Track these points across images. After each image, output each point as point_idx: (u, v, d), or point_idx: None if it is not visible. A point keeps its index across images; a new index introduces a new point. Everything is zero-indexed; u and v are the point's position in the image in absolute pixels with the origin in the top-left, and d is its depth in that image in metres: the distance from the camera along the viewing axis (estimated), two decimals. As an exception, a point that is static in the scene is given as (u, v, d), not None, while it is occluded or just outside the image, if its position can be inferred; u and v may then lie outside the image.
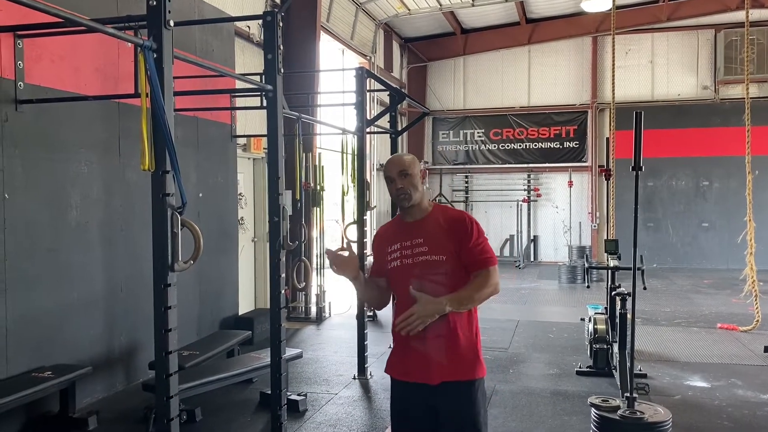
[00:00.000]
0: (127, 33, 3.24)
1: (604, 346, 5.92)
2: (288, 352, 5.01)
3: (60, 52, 5.11)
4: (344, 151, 6.09)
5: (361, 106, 6.08)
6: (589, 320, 6.44)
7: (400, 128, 7.79)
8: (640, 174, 4.16)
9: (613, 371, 5.82)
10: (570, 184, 15.78)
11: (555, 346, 7.46)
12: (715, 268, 14.55)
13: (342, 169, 6.02)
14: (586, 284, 6.30)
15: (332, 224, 11.87)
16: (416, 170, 2.77)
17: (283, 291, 9.71)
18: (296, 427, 4.89)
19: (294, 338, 8.00)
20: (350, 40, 12.44)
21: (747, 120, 7.77)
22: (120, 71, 5.70)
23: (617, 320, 5.50)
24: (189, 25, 5.90)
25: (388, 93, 7.07)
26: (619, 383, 5.36)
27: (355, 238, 6.88)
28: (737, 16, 14.14)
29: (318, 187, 8.11)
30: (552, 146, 16.00)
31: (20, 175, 4.76)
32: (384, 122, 7.20)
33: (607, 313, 6.33)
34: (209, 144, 7.20)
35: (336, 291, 10.09)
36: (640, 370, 6.06)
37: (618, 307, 5.35)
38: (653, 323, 8.62)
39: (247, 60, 8.83)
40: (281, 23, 4.31)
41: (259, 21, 8.88)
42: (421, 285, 2.63)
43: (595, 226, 15.62)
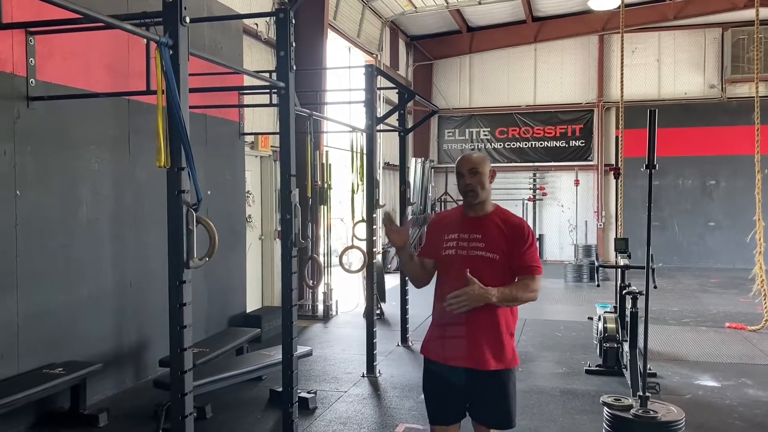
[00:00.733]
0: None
1: (614, 345, 5.90)
2: (298, 349, 5.01)
3: (71, 49, 5.11)
4: (354, 149, 6.07)
5: (370, 103, 6.07)
6: (599, 319, 6.42)
7: (407, 126, 7.76)
8: (646, 173, 4.15)
9: (624, 370, 5.80)
10: (576, 183, 15.75)
11: (563, 344, 7.44)
12: (721, 267, 14.51)
13: (352, 167, 6.01)
14: (596, 283, 6.29)
15: (337, 222, 11.86)
16: (486, 170, 2.97)
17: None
18: (307, 424, 4.88)
19: (302, 336, 8.00)
20: (357, 38, 12.43)
21: (756, 118, 7.74)
22: (130, 68, 5.69)
23: (627, 319, 5.48)
24: (202, 21, 5.89)
25: (397, 91, 7.05)
26: (629, 382, 5.34)
27: (363, 237, 6.89)
28: (744, 14, 14.09)
29: (325, 185, 8.10)
30: (558, 145, 15.97)
31: (32, 172, 4.77)
32: (391, 120, 7.18)
33: (616, 312, 6.31)
34: (217, 141, 7.19)
35: (343, 289, 10.10)
36: (650, 369, 6.03)
37: (629, 305, 5.33)
38: (661, 322, 8.59)
39: (255, 58, 8.82)
40: (293, 20, 4.30)
41: (267, 19, 8.91)
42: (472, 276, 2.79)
43: (600, 225, 15.59)
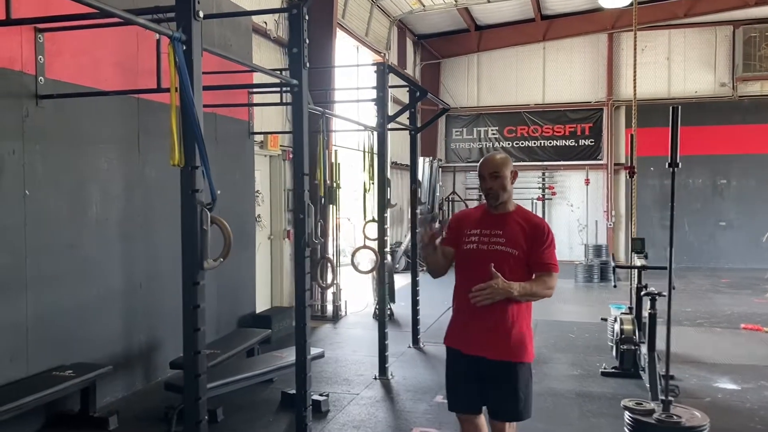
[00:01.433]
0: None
1: (632, 347, 5.79)
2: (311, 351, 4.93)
3: (80, 46, 5.03)
4: (365, 148, 6.00)
5: (382, 101, 5.98)
6: (614, 320, 6.32)
7: (418, 125, 7.67)
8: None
9: (641, 373, 5.70)
10: (587, 182, 15.62)
11: (576, 346, 7.34)
12: (732, 267, 14.36)
13: (363, 166, 5.93)
14: (612, 284, 6.18)
15: (344, 222, 11.78)
16: (507, 172, 3.09)
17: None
18: (320, 427, 4.80)
19: (312, 337, 7.74)
20: (365, 37, 12.35)
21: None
22: (139, 66, 5.62)
23: (645, 320, 5.38)
24: (214, 18, 5.80)
25: (407, 89, 6.96)
26: (648, 385, 5.24)
27: (373, 236, 6.81)
28: (756, 12, 13.96)
29: (334, 185, 8.02)
30: (567, 144, 15.85)
31: (41, 171, 4.70)
32: (401, 119, 7.10)
33: (632, 313, 6.21)
34: (227, 141, 7.12)
35: (351, 289, 10.02)
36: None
37: (647, 307, 5.23)
38: (675, 323, 8.33)
39: (264, 56, 8.74)
40: (306, 17, 4.22)
41: (276, 17, 8.84)
42: (487, 273, 2.91)
43: (610, 224, 15.46)
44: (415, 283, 7.27)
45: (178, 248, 6.34)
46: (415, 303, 7.27)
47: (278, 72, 5.43)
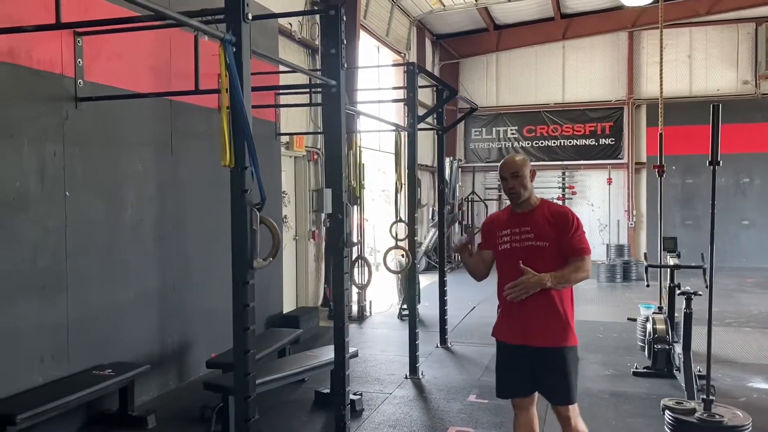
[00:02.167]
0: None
1: (665, 347, 5.75)
2: (346, 351, 4.94)
3: (116, 49, 5.09)
4: (395, 148, 6.02)
5: (412, 102, 6.00)
6: (646, 320, 6.28)
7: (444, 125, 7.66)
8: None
9: (675, 372, 5.66)
10: (609, 181, 15.52)
11: (606, 346, 7.30)
12: (757, 266, 14.21)
13: (395, 166, 5.96)
14: (645, 283, 6.14)
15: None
16: (526, 172, 3.31)
17: (323, 290, 9.62)
18: (356, 426, 4.81)
19: (338, 337, 7.93)
20: (386, 37, 12.37)
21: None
22: (172, 69, 5.68)
23: (680, 320, 5.34)
24: (261, 19, 5.85)
25: (435, 89, 6.97)
26: (684, 385, 5.21)
27: (400, 236, 6.82)
28: (780, 8, 13.82)
29: (359, 186, 8.02)
30: (587, 143, 15.76)
31: (80, 174, 4.76)
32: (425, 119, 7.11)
33: (665, 313, 6.17)
34: (256, 142, 7.14)
35: (375, 289, 10.03)
36: (700, 371, 5.89)
37: (683, 306, 5.20)
38: (703, 323, 8.34)
39: (288, 57, 8.77)
40: (344, 18, 4.24)
41: (300, 18, 8.88)
42: (527, 265, 3.15)
43: (632, 224, 15.37)
44: (442, 284, 7.28)
45: (208, 249, 6.41)
46: (442, 303, 7.27)
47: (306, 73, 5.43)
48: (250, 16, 3.04)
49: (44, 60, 4.44)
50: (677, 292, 5.56)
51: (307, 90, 6.64)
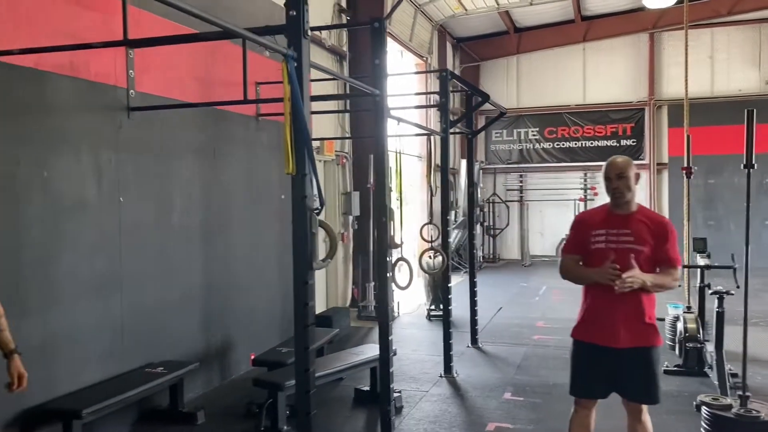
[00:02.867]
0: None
1: (697, 345, 5.86)
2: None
3: (164, 60, 5.31)
4: (430, 152, 6.19)
5: (445, 107, 6.15)
6: (676, 319, 6.39)
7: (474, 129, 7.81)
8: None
9: (707, 370, 5.77)
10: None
11: (634, 345, 7.39)
12: (781, 266, 14.17)
13: (429, 170, 6.12)
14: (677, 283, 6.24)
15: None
16: (631, 173, 3.38)
17: (352, 290, 9.77)
18: (397, 422, 4.98)
19: (369, 337, 8.10)
20: (409, 42, 12.54)
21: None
22: (214, 79, 5.90)
23: (712, 319, 5.46)
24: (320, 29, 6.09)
25: (466, 94, 7.13)
26: (717, 383, 5.32)
27: (429, 238, 6.99)
28: (803, 8, 13.80)
29: (399, 189, 8.22)
30: (608, 144, 15.82)
31: (132, 180, 4.98)
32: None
33: (692, 312, 6.27)
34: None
35: (401, 291, 10.19)
36: (731, 369, 5.99)
37: (715, 306, 5.31)
38: (732, 323, 8.34)
39: (319, 63, 8.98)
40: (388, 29, 4.41)
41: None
42: (623, 267, 3.17)
43: (654, 224, 15.38)
44: (473, 284, 7.42)
45: (248, 251, 6.62)
46: (473, 303, 7.42)
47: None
48: (309, 32, 3.22)
49: (100, 72, 4.67)
50: (709, 291, 5.66)
51: (341, 96, 6.82)
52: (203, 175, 5.87)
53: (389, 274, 4.51)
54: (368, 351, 5.71)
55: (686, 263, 6.79)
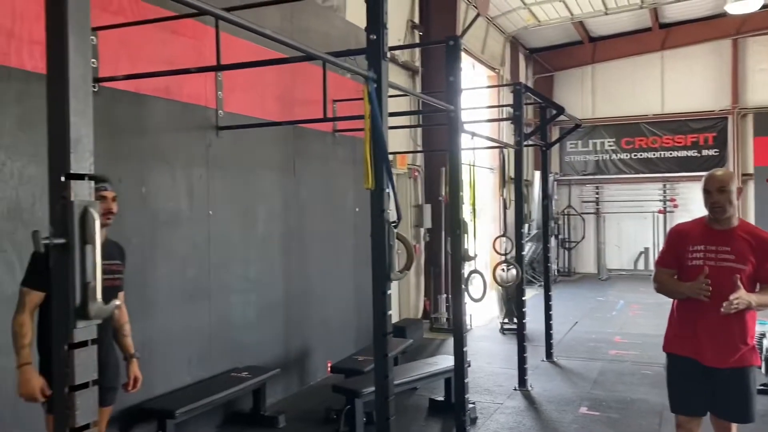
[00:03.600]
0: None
1: (786, 364, 5.63)
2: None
3: (249, 81, 5.63)
4: (504, 165, 6.24)
5: (519, 120, 6.20)
6: (762, 336, 6.16)
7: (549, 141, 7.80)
8: None
9: (797, 390, 5.52)
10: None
11: (717, 362, 7.15)
12: None
13: (503, 183, 6.18)
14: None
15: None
16: (733, 187, 3.20)
17: (423, 302, 9.85)
18: (472, 433, 5.05)
19: (441, 349, 8.18)
20: (481, 55, 12.61)
21: None
22: (294, 98, 6.18)
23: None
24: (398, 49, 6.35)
25: (540, 106, 7.14)
26: (808, 402, 5.09)
27: (504, 250, 7.01)
28: None
29: (473, 202, 8.27)
30: (689, 154, 15.31)
31: (220, 194, 5.29)
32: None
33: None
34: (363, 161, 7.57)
35: (474, 303, 10.20)
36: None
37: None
38: (824, 341, 8.03)
39: (392, 80, 9.17)
40: (463, 47, 4.53)
41: (401, 42, 9.26)
42: (722, 285, 3.06)
43: (739, 237, 14.73)
44: (548, 298, 7.39)
45: (325, 263, 6.86)
46: (548, 317, 7.38)
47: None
48: (388, 54, 3.39)
49: (192, 94, 5.01)
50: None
51: (414, 111, 6.98)
52: (283, 189, 6.16)
53: (463, 287, 4.60)
54: (442, 362, 5.80)
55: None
